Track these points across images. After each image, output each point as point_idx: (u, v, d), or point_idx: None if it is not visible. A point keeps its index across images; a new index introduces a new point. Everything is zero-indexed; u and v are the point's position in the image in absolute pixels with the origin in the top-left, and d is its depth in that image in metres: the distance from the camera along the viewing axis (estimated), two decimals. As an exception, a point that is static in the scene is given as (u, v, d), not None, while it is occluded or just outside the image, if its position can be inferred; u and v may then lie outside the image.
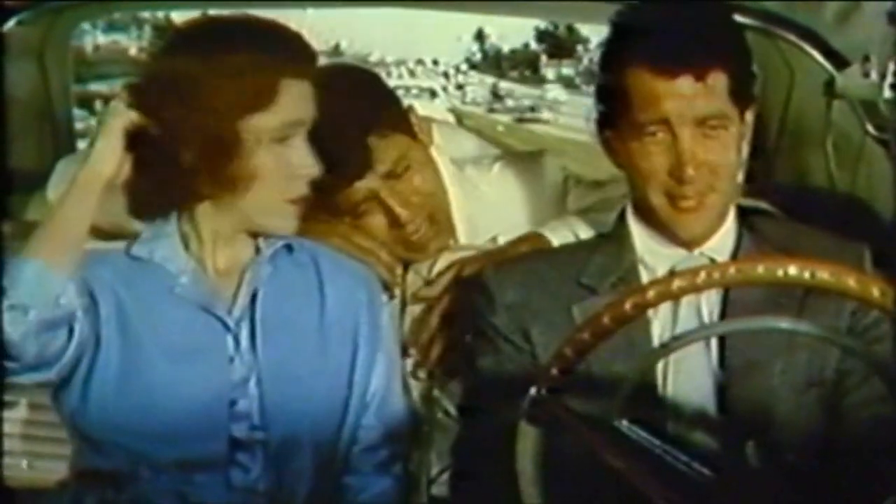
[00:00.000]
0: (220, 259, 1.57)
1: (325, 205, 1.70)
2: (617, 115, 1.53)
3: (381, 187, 1.76)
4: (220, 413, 1.53)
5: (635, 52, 1.49)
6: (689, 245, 1.57)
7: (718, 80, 1.49)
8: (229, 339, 1.55)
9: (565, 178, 1.98)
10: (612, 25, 1.56)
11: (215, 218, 1.54)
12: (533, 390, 1.23)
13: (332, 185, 1.67)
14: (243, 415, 1.54)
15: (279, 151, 1.49)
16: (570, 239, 1.73)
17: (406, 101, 1.93)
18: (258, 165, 1.48)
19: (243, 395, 1.54)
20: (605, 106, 1.57)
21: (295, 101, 1.49)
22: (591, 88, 1.60)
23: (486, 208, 1.88)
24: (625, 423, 1.21)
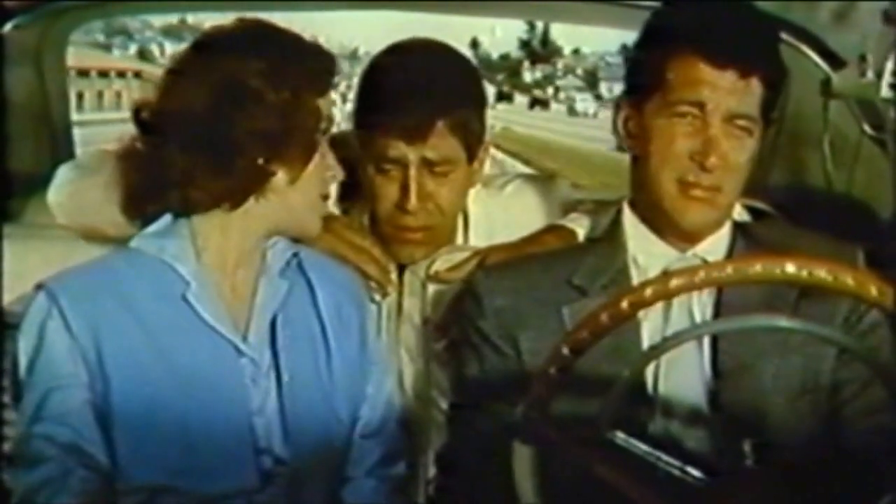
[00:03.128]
0: (238, 274, 1.52)
1: (365, 143, 1.74)
2: (648, 94, 1.55)
3: (414, 164, 1.74)
4: (247, 445, 1.48)
5: (685, 37, 1.52)
6: (685, 240, 1.57)
7: (756, 87, 1.53)
8: (244, 364, 1.49)
9: (576, 200, 1.99)
10: (661, 12, 1.61)
11: (254, 218, 1.49)
12: (519, 409, 1.22)
13: (383, 130, 1.73)
14: (265, 448, 1.49)
15: (324, 144, 1.51)
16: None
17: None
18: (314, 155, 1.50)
19: (262, 425, 1.49)
20: (637, 83, 1.59)
21: (329, 100, 1.52)
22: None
23: (499, 227, 1.87)
24: (618, 434, 1.20)
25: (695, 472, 1.20)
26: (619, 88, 1.67)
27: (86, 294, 1.45)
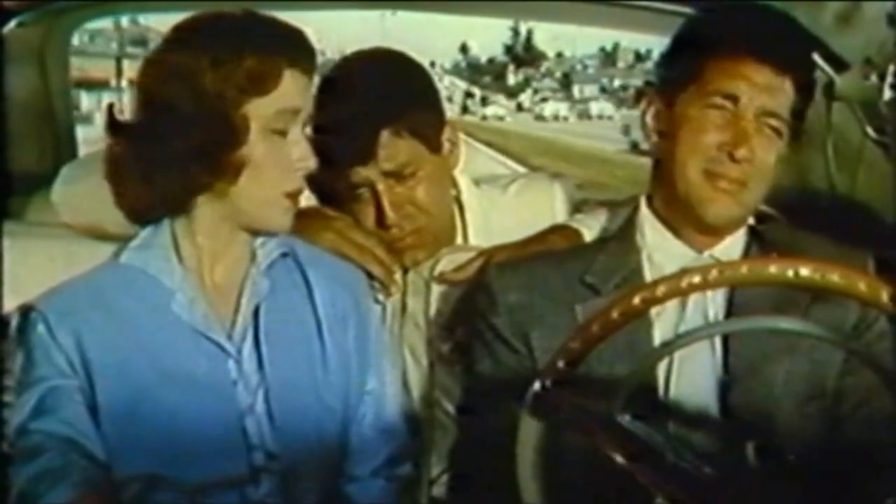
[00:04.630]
0: (217, 271, 1.52)
1: (322, 186, 1.70)
2: (681, 86, 1.57)
3: (378, 181, 1.74)
4: (236, 438, 1.49)
5: (727, 38, 1.53)
6: (703, 238, 1.58)
7: (789, 88, 1.55)
8: (230, 364, 1.50)
9: (581, 200, 1.98)
10: (701, 17, 1.65)
11: (212, 217, 1.50)
12: (537, 384, 1.22)
13: (331, 167, 1.67)
14: (256, 444, 1.50)
15: (276, 142, 1.46)
16: (598, 230, 1.75)
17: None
18: (256, 154, 1.45)
19: (252, 422, 1.50)
20: (671, 78, 1.60)
21: (294, 90, 1.46)
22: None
23: (502, 227, 1.86)
24: (627, 417, 1.20)
25: (702, 465, 1.19)
26: (589, 90, 1.68)
27: (70, 307, 1.48)
